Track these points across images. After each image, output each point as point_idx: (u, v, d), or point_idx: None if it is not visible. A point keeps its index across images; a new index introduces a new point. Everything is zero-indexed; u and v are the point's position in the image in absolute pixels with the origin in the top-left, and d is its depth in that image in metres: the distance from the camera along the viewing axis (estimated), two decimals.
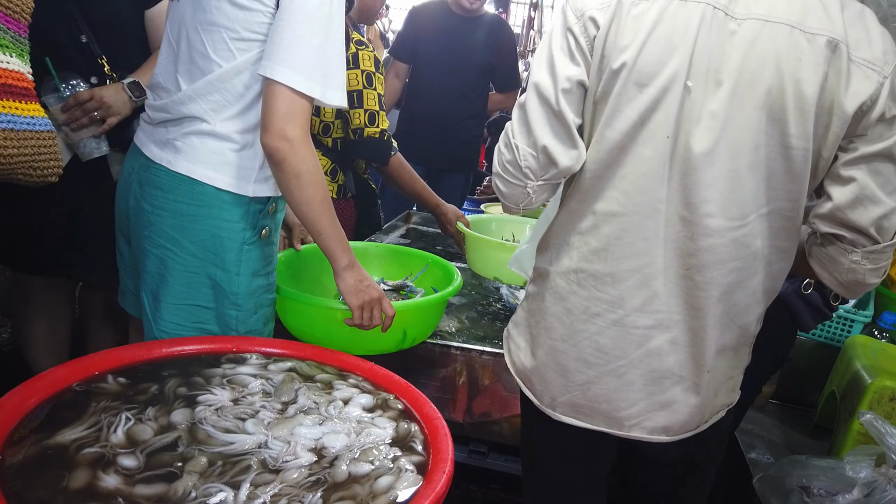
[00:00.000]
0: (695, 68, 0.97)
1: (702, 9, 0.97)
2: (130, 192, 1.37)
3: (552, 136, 1.05)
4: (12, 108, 1.38)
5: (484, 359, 1.59)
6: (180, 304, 1.33)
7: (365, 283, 1.37)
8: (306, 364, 1.25)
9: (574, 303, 1.11)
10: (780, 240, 1.04)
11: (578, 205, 1.09)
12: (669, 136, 0.99)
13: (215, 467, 0.93)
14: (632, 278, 1.06)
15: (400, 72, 3.29)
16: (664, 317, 1.06)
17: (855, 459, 1.38)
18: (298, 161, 1.22)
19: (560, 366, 1.14)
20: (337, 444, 1.01)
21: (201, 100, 1.28)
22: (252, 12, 1.23)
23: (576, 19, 1.03)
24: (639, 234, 1.04)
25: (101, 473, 0.88)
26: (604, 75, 1.01)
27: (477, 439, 1.64)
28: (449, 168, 3.33)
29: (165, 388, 1.10)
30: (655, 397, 1.10)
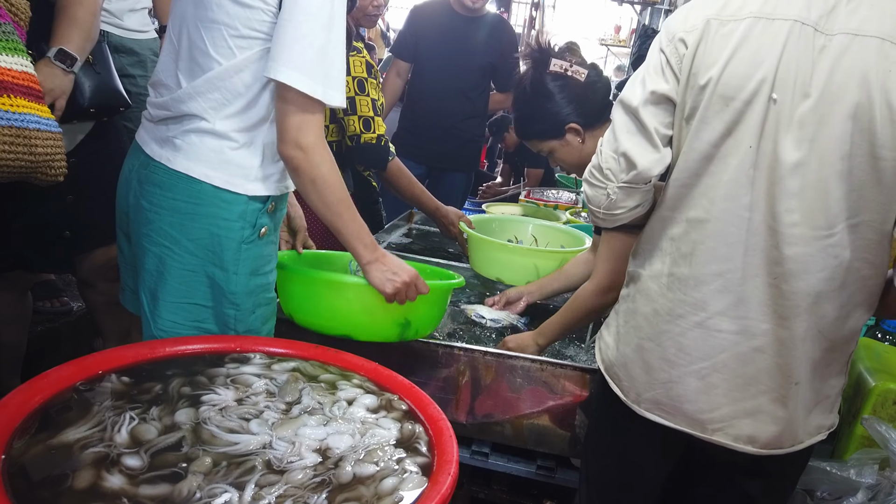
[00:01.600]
0: (780, 82, 1.01)
1: (789, 26, 1.02)
2: (130, 189, 1.37)
3: (632, 141, 1.14)
4: (39, 110, 1.40)
5: (487, 359, 1.58)
6: (179, 302, 1.33)
7: (393, 271, 1.39)
8: (310, 364, 1.25)
9: (661, 304, 1.16)
10: (870, 253, 1.05)
11: (669, 212, 1.15)
12: (752, 146, 1.04)
13: (220, 468, 0.92)
14: (714, 283, 1.09)
15: (401, 71, 3.29)
16: (751, 324, 1.08)
17: (859, 463, 1.38)
18: (312, 167, 1.27)
19: (645, 363, 1.18)
20: (342, 445, 1.01)
21: (201, 98, 1.28)
22: (253, 10, 1.23)
23: (668, 41, 1.13)
24: (721, 240, 1.08)
25: (106, 473, 0.87)
26: (692, 91, 1.08)
27: (479, 440, 1.64)
28: (450, 167, 3.33)
29: (169, 388, 1.10)
30: (740, 404, 1.11)
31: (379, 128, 2.14)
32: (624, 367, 1.23)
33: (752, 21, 1.04)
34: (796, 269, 1.04)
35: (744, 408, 1.11)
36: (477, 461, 1.62)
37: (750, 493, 1.23)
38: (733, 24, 1.05)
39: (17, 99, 1.37)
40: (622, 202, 1.18)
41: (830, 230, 1.02)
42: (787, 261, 1.04)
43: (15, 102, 1.36)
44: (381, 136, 2.14)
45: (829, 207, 1.01)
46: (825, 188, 1.01)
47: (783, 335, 1.07)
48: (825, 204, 1.01)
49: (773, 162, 1.03)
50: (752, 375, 1.09)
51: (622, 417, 1.24)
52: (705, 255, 1.10)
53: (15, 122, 1.35)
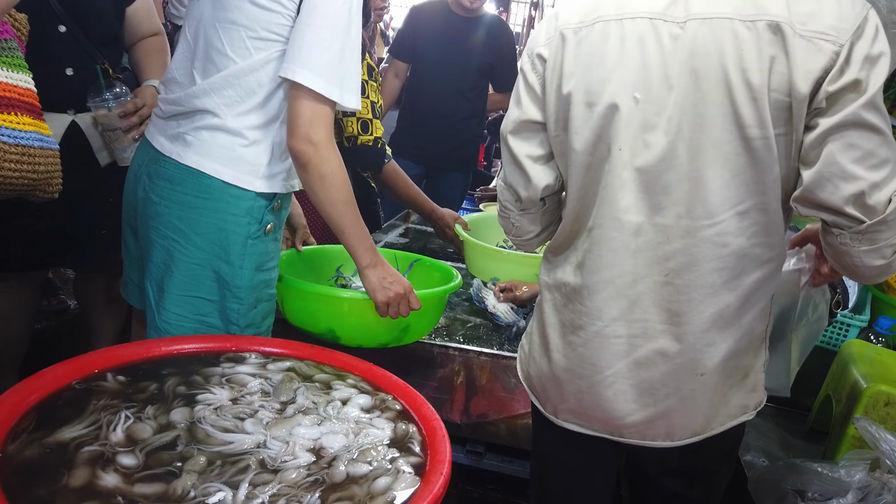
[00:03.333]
0: (640, 79, 1.00)
1: (637, 24, 1.01)
2: (139, 184, 1.39)
3: (511, 171, 1.18)
4: (40, 127, 1.42)
5: (481, 359, 1.60)
6: (184, 295, 1.35)
7: (389, 280, 1.41)
8: (305, 364, 1.26)
9: (565, 315, 1.15)
10: (766, 236, 1.03)
11: (573, 225, 1.15)
12: (622, 147, 1.02)
13: (214, 467, 0.93)
14: (606, 290, 1.08)
15: (399, 71, 3.30)
16: (648, 325, 1.07)
17: (850, 464, 1.39)
18: (323, 163, 1.28)
19: (555, 376, 1.17)
20: (335, 445, 1.02)
21: (215, 94, 1.30)
22: (272, 13, 1.26)
23: (527, 59, 1.12)
24: (606, 247, 1.07)
25: (101, 472, 0.88)
26: (559, 103, 1.07)
27: (474, 440, 1.65)
28: (448, 167, 3.33)
29: (165, 387, 1.11)
30: (651, 408, 1.10)
31: (377, 130, 2.15)
32: (539, 380, 1.22)
33: (602, 25, 1.03)
34: (686, 262, 1.03)
35: (656, 412, 1.10)
36: (471, 461, 1.63)
37: (681, 483, 1.23)
38: (585, 30, 1.04)
39: (22, 117, 1.38)
40: (528, 227, 1.22)
41: (713, 219, 1.00)
42: (677, 255, 1.03)
43: (21, 120, 1.38)
44: (377, 138, 2.15)
45: (708, 196, 0.99)
46: (701, 178, 0.99)
47: (681, 332, 1.06)
48: (704, 193, 0.99)
49: (645, 160, 1.01)
50: (658, 379, 1.08)
51: (546, 428, 1.23)
52: (593, 264, 1.09)
53: (21, 140, 1.37)
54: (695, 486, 1.25)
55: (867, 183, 0.93)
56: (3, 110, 1.34)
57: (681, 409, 1.10)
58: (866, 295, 2.18)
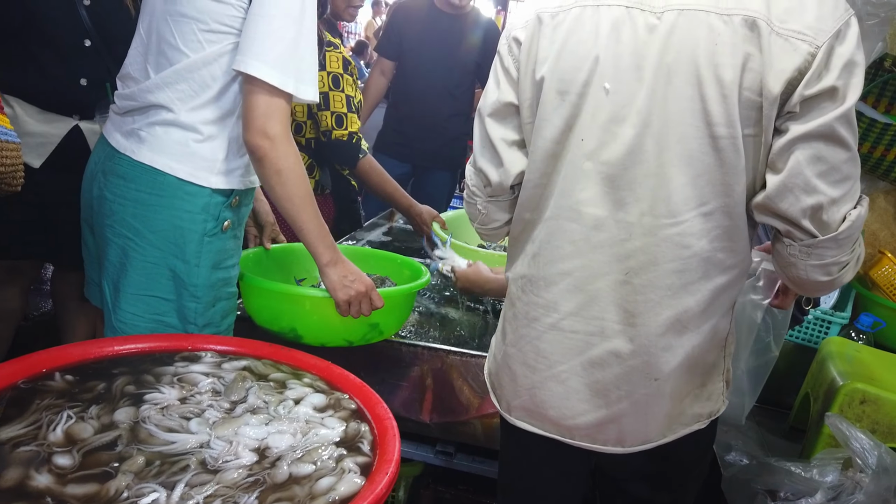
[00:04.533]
0: (612, 70, 0.97)
1: (614, 11, 0.97)
2: (95, 181, 1.37)
3: (484, 155, 1.14)
4: (3, 121, 1.41)
5: (452, 359, 1.57)
6: (140, 294, 1.33)
7: (350, 278, 1.39)
8: (262, 363, 1.24)
9: (519, 308, 1.13)
10: (730, 240, 1.00)
11: (528, 214, 1.11)
12: (585, 138, 1.00)
13: (152, 467, 0.91)
14: (562, 282, 1.06)
15: (385, 69, 3.28)
16: (605, 324, 1.04)
17: (822, 463, 1.36)
18: (279, 158, 1.25)
19: (510, 370, 1.15)
20: (281, 445, 1.00)
21: (168, 88, 1.28)
22: (223, 4, 1.24)
23: (504, 41, 1.10)
24: (564, 238, 1.05)
25: (34, 472, 0.86)
26: (532, 89, 1.05)
27: (444, 440, 1.63)
28: (435, 166, 3.31)
29: (113, 387, 1.09)
30: (602, 411, 1.07)
31: (352, 125, 2.13)
32: (497, 376, 1.19)
33: (578, 10, 1.00)
34: (645, 261, 1.00)
35: (606, 414, 1.07)
36: (442, 461, 1.61)
37: (642, 491, 1.20)
38: (562, 14, 1.01)
39: None
40: (495, 215, 1.19)
41: (675, 218, 0.97)
42: (638, 253, 1.00)
43: None
44: (352, 133, 2.13)
45: (672, 195, 0.96)
46: (666, 174, 0.96)
47: (637, 333, 1.03)
48: (667, 191, 0.96)
49: (611, 153, 0.98)
50: (611, 381, 1.05)
51: (505, 429, 1.21)
52: (551, 254, 1.06)
53: None
54: (661, 492, 1.21)
55: (827, 198, 0.91)
56: None
57: (632, 415, 1.07)
58: (849, 292, 2.15)
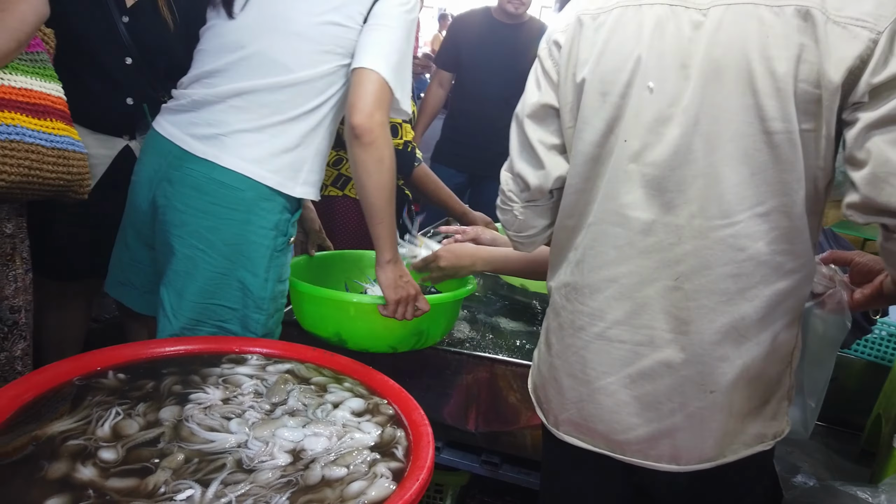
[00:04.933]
0: (655, 69, 0.95)
1: (656, 10, 0.95)
2: (157, 188, 1.39)
3: (522, 158, 1.12)
4: (71, 132, 1.50)
5: (499, 368, 1.55)
6: (206, 303, 1.37)
7: (404, 280, 1.41)
8: (305, 366, 1.26)
9: (564, 317, 1.10)
10: (791, 242, 0.94)
11: (569, 220, 1.09)
12: (628, 139, 0.97)
13: (191, 464, 0.94)
14: (609, 289, 1.02)
15: (443, 80, 3.30)
16: (654, 333, 1.00)
17: (891, 488, 1.27)
18: (384, 146, 1.31)
19: (557, 382, 1.11)
20: (316, 447, 1.01)
21: (265, 99, 1.33)
22: (345, 28, 1.33)
23: (544, 45, 1.09)
24: (609, 243, 1.01)
25: (80, 465, 0.90)
26: (573, 92, 1.03)
27: (489, 450, 1.60)
28: (492, 175, 3.26)
29: (161, 386, 1.13)
30: (654, 424, 1.02)
31: (406, 134, 2.16)
32: (543, 389, 1.15)
33: (620, 11, 0.98)
34: (696, 266, 0.95)
35: (659, 429, 1.01)
36: (487, 471, 1.59)
37: None
38: (603, 16, 1.00)
39: (56, 122, 1.46)
40: (532, 221, 1.16)
41: (728, 219, 0.92)
42: (688, 257, 0.95)
43: (55, 125, 1.46)
44: (407, 142, 2.15)
45: (724, 195, 0.92)
46: (717, 174, 0.92)
47: (689, 342, 0.97)
48: (719, 192, 0.92)
49: (657, 154, 0.95)
50: (662, 393, 1.00)
51: (550, 441, 1.16)
52: (595, 261, 1.03)
53: (57, 143, 1.44)
54: None
55: None
56: (41, 117, 1.41)
57: (687, 429, 1.01)
58: None
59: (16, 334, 1.49)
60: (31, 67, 1.36)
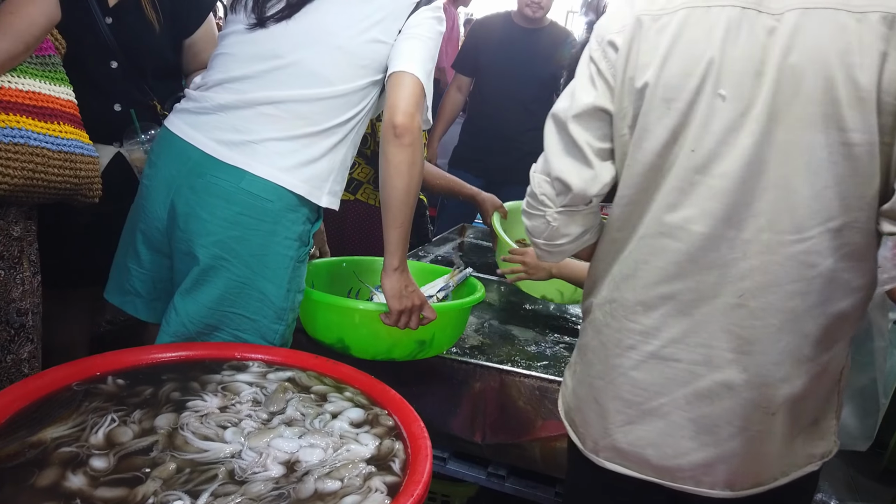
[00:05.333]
0: (726, 75, 0.90)
1: (727, 13, 0.90)
2: (177, 195, 1.34)
3: (565, 160, 1.04)
4: (81, 136, 1.50)
5: (507, 378, 1.52)
6: (223, 310, 1.35)
7: (409, 289, 1.39)
8: (307, 374, 1.24)
9: (608, 335, 1.04)
10: (859, 259, 0.90)
11: (619, 233, 1.03)
12: (695, 149, 0.92)
13: (182, 474, 0.92)
14: (664, 306, 0.97)
15: (462, 85, 3.29)
16: (713, 353, 0.95)
17: None
18: (419, 150, 1.32)
19: (599, 405, 1.06)
20: (311, 459, 0.99)
21: (300, 110, 1.33)
22: (385, 45, 1.35)
23: (596, 45, 1.03)
24: (667, 258, 0.96)
25: (70, 473, 0.89)
26: (630, 97, 0.97)
27: (496, 462, 1.57)
28: (510, 181, 3.25)
29: (159, 392, 1.11)
30: (711, 448, 0.97)
31: None
32: (580, 412, 1.10)
33: (686, 12, 0.93)
34: (764, 282, 0.91)
35: (717, 453, 0.97)
36: (493, 484, 1.56)
37: None
38: (666, 17, 0.94)
39: (64, 126, 1.46)
40: (565, 229, 1.08)
41: (800, 234, 0.88)
42: (755, 273, 0.91)
43: (63, 129, 1.46)
44: None
45: (796, 208, 0.88)
46: (789, 186, 0.88)
47: (752, 363, 0.93)
48: (791, 204, 0.88)
49: (726, 165, 0.90)
50: (721, 415, 0.96)
51: (584, 469, 1.11)
52: (650, 276, 0.98)
53: (64, 147, 1.44)
54: None
55: None
56: (48, 120, 1.41)
57: (745, 453, 0.97)
58: None
59: (22, 337, 1.50)
60: (40, 71, 1.37)
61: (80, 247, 1.72)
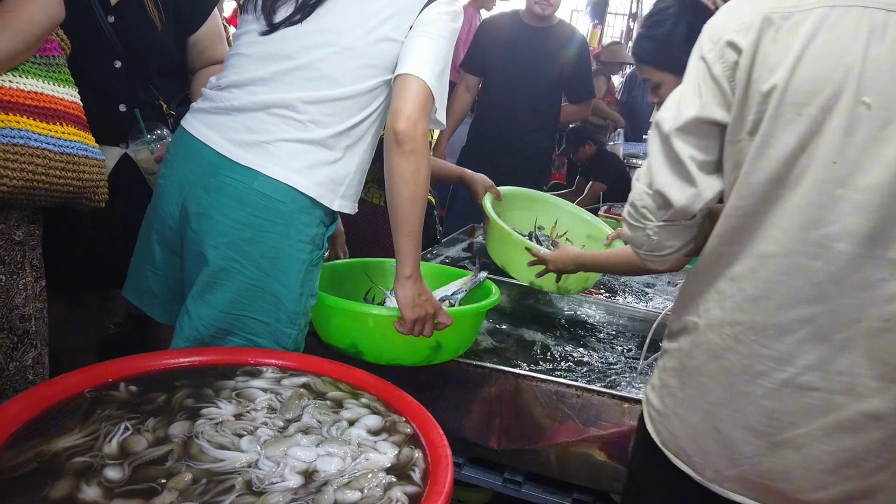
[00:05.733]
0: (870, 81, 0.84)
1: (870, 15, 0.85)
2: (190, 196, 1.33)
3: (667, 174, 0.99)
4: (86, 138, 1.47)
5: (522, 382, 1.50)
6: (236, 314, 1.33)
7: (423, 298, 1.36)
8: (321, 380, 1.21)
9: (732, 361, 0.97)
10: None
11: (728, 247, 0.97)
12: (836, 161, 0.86)
13: (198, 485, 0.90)
14: (800, 331, 0.91)
15: (470, 85, 3.26)
16: (856, 381, 0.89)
17: None
18: (423, 156, 1.28)
19: (722, 434, 0.99)
20: (330, 468, 0.96)
21: (311, 112, 1.30)
22: (394, 43, 1.31)
23: (711, 46, 0.95)
24: (805, 278, 0.90)
25: (84, 484, 0.87)
26: (754, 102, 0.91)
27: (512, 468, 1.55)
28: (518, 181, 3.23)
29: (173, 399, 1.09)
30: (853, 482, 0.92)
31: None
32: (693, 441, 1.02)
33: (823, 11, 0.86)
34: None
35: (859, 487, 0.91)
36: (509, 490, 1.53)
37: None
38: (799, 15, 0.87)
39: (67, 127, 1.43)
40: (667, 242, 1.03)
41: None
42: None
43: (66, 130, 1.43)
44: None
45: None
46: None
47: None
48: None
49: (872, 179, 0.84)
50: (866, 448, 0.89)
51: (696, 499, 1.03)
52: (785, 298, 0.91)
53: (66, 148, 1.41)
54: None
55: None
56: (50, 121, 1.38)
57: (891, 488, 0.91)
58: None
59: (26, 343, 1.47)
60: (43, 71, 1.34)
61: (87, 249, 1.70)
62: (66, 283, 1.67)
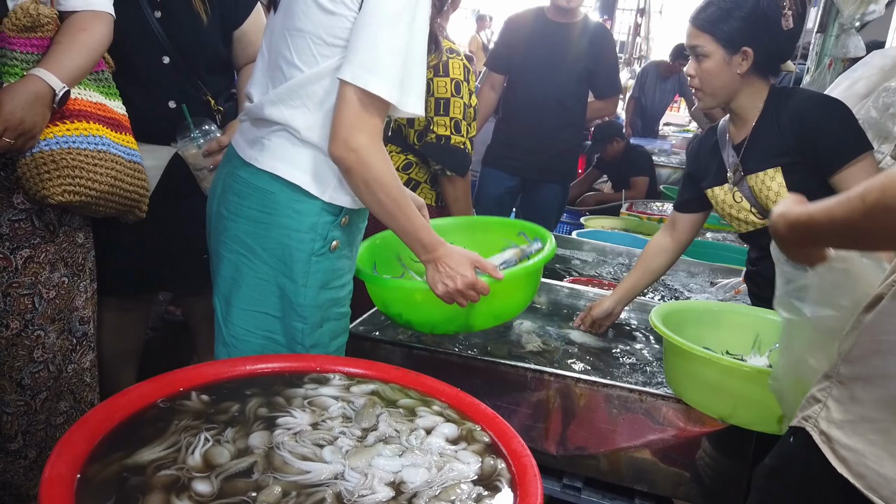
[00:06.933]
0: None
1: None
2: (215, 197, 1.39)
3: None
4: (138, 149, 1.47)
5: (580, 386, 1.48)
6: (251, 310, 1.34)
7: (448, 274, 1.35)
8: (389, 387, 1.20)
9: None
10: None
11: None
12: None
13: (289, 498, 0.88)
14: None
15: (495, 83, 3.23)
16: None
17: None
18: (364, 170, 1.22)
19: None
20: (417, 480, 0.94)
21: (283, 104, 1.28)
22: (337, 17, 1.21)
23: None
24: None
25: (175, 498, 0.85)
26: None
27: (571, 473, 1.53)
28: (545, 178, 3.22)
29: (246, 409, 1.08)
30: None
31: (470, 131, 2.11)
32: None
33: None
34: None
35: None
36: (568, 496, 1.52)
37: None
38: None
39: (129, 136, 1.46)
40: None
41: None
42: None
43: (129, 139, 1.46)
44: (472, 138, 2.13)
45: None
46: None
47: None
48: None
49: None
50: None
51: None
52: None
53: (134, 157, 1.46)
54: None
55: None
56: (118, 130, 1.41)
57: None
58: None
59: (84, 346, 1.47)
60: (96, 86, 1.36)
61: (136, 253, 1.69)
62: (117, 288, 1.66)
